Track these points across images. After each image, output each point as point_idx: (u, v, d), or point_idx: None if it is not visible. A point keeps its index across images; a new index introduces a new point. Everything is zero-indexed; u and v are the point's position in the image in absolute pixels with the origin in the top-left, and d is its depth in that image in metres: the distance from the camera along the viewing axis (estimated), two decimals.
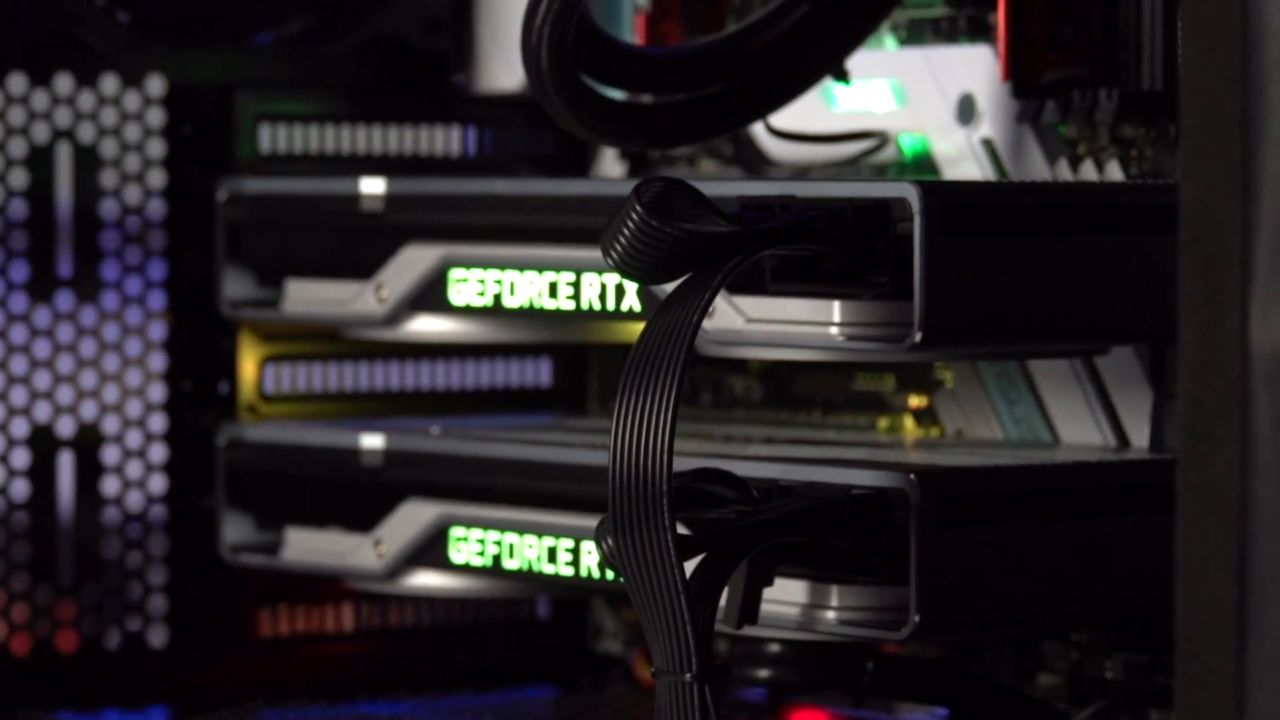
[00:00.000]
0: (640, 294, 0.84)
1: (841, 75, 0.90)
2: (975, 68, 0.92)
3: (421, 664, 1.05)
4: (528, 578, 0.92)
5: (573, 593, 1.01)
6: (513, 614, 1.09)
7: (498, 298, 0.91)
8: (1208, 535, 0.66)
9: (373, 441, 0.96)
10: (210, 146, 1.03)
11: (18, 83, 0.97)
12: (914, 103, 0.95)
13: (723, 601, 0.83)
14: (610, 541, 0.81)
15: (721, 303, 0.82)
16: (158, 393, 1.02)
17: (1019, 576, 0.85)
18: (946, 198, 0.81)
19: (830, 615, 0.84)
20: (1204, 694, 0.65)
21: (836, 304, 0.82)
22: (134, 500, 1.03)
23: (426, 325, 0.93)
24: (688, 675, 0.81)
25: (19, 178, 0.98)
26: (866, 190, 0.82)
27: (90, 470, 1.01)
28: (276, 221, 0.98)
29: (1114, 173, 0.91)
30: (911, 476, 0.82)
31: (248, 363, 1.03)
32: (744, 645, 0.87)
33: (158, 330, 1.00)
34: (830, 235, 0.82)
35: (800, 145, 0.97)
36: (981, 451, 0.94)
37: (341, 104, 1.05)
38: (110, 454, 1.02)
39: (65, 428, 1.01)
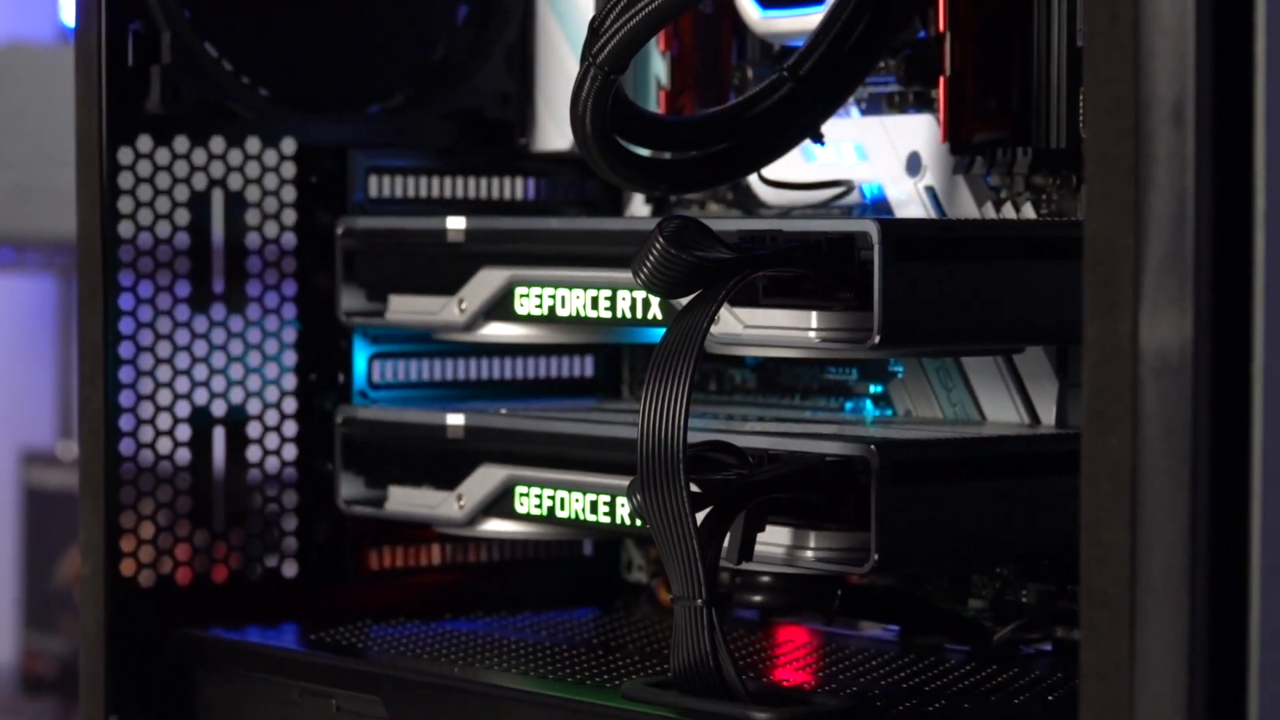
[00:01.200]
0: (662, 306, 0.84)
1: (817, 137, 0.90)
2: (921, 132, 0.92)
3: (492, 591, 1.05)
4: (575, 525, 0.92)
5: (610, 536, 1.01)
6: (563, 552, 1.08)
7: (552, 309, 0.90)
8: (1105, 493, 0.65)
9: (455, 419, 0.95)
10: (330, 192, 1.02)
11: (181, 143, 0.97)
12: (873, 159, 0.94)
13: (726, 543, 0.82)
14: (639, 497, 0.81)
15: (724, 313, 0.82)
16: (289, 382, 1.02)
17: (955, 524, 0.85)
18: (899, 231, 0.81)
19: (808, 554, 0.83)
20: (1102, 616, 0.65)
21: (814, 314, 0.82)
22: (271, 465, 1.02)
23: (496, 330, 0.92)
24: (699, 600, 0.80)
25: (183, 216, 0.98)
26: (837, 226, 0.82)
27: (237, 442, 1.01)
28: (381, 250, 0.98)
29: (1029, 212, 0.91)
30: (872, 447, 0.82)
31: (359, 359, 1.03)
32: (742, 577, 0.85)
33: (290, 334, 1.00)
34: (809, 261, 0.81)
35: (785, 191, 0.97)
36: (925, 428, 0.94)
37: (432, 160, 1.04)
38: (253, 429, 1.02)
39: (218, 409, 1.01)
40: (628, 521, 0.89)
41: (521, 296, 0.92)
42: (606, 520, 0.90)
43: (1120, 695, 0.65)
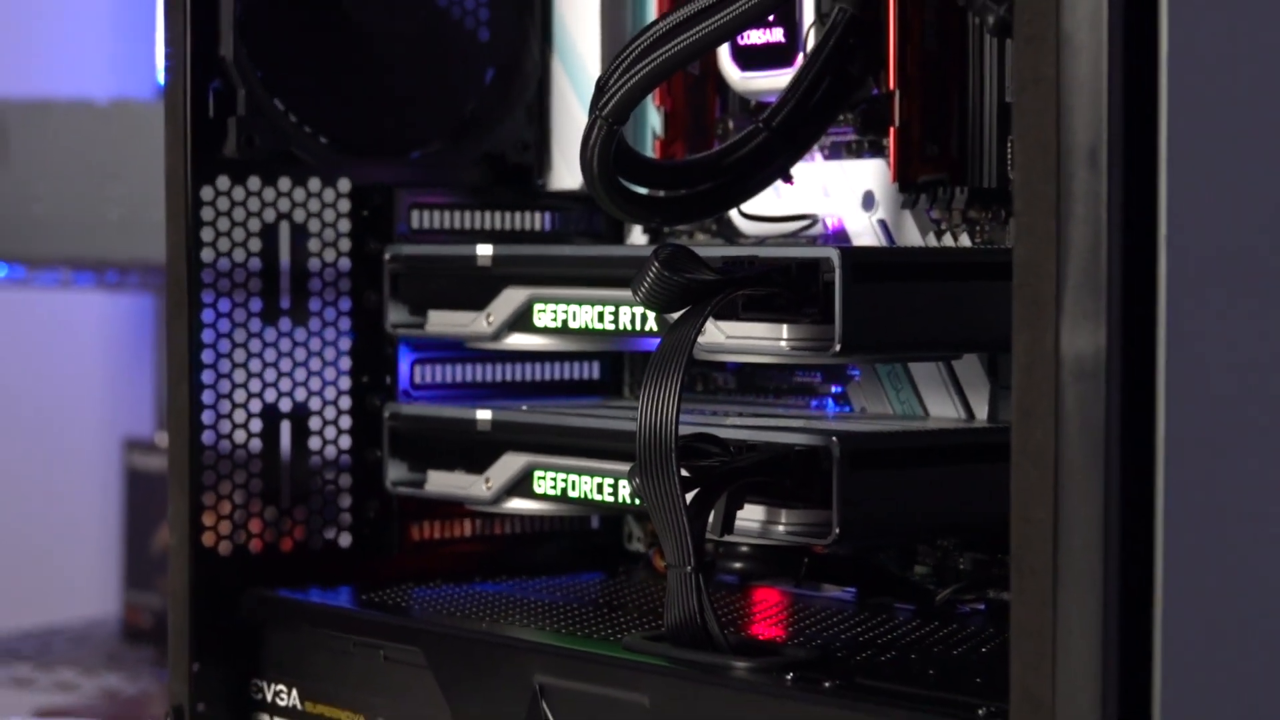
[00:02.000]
0: (657, 320, 0.83)
1: (788, 178, 0.89)
2: (874, 174, 0.91)
3: (514, 558, 1.05)
4: (584, 503, 0.92)
5: (613, 512, 1.00)
6: (574, 526, 1.08)
7: (565, 322, 0.90)
8: (1031, 478, 0.64)
9: (483, 414, 0.95)
10: (379, 224, 1.02)
11: (254, 182, 0.97)
12: (834, 196, 0.94)
13: (710, 519, 0.81)
14: (637, 480, 0.80)
15: (710, 325, 0.81)
16: (344, 383, 1.01)
17: (904, 503, 0.84)
18: (856, 258, 0.80)
19: (780, 528, 0.83)
20: (1029, 581, 0.64)
21: (784, 326, 0.81)
22: (329, 452, 1.02)
23: (518, 340, 0.92)
24: (688, 567, 0.79)
25: (255, 244, 0.98)
26: (804, 253, 0.82)
27: (301, 434, 1.01)
28: (422, 273, 0.98)
29: (965, 241, 0.91)
30: (833, 438, 0.81)
31: (403, 364, 1.03)
32: (724, 547, 0.85)
33: (344, 343, 1.00)
34: (780, 282, 0.81)
35: (761, 223, 0.97)
36: (878, 422, 0.94)
37: (464, 197, 1.04)
38: (314, 423, 1.02)
39: (284, 405, 1.01)
40: (628, 500, 0.88)
41: (539, 312, 0.91)
42: (610, 499, 0.89)
43: (1044, 648, 0.64)
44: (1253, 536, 0.66)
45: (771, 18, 0.92)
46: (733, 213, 0.96)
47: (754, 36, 0.94)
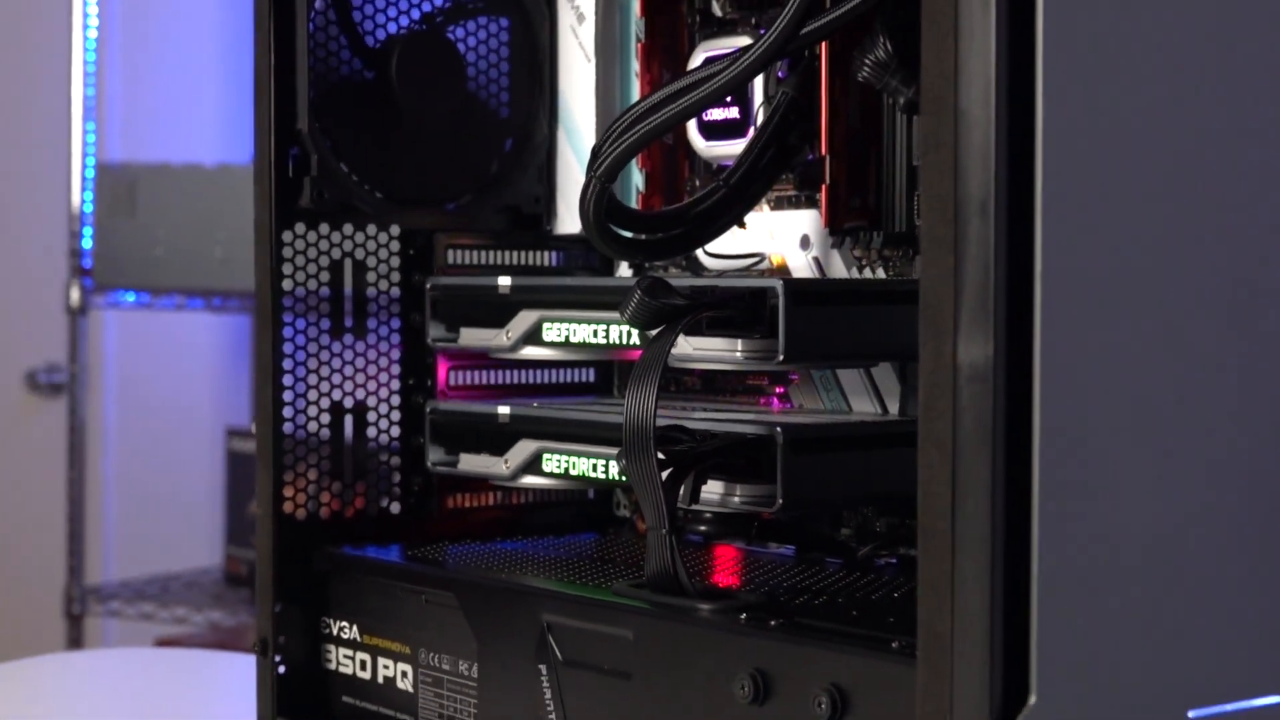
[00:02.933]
0: (639, 336, 0.82)
1: (742, 225, 0.89)
2: (810, 221, 0.91)
3: (528, 522, 1.04)
4: (582, 479, 0.91)
5: (605, 486, 0.99)
6: (574, 496, 1.07)
7: (568, 338, 0.89)
8: (934, 459, 0.63)
9: (503, 409, 0.94)
10: (422, 261, 1.02)
11: (324, 228, 0.97)
12: (778, 239, 0.93)
13: (681, 492, 0.80)
14: (624, 461, 0.79)
15: (680, 340, 0.80)
16: (395, 385, 1.01)
17: (833, 479, 0.83)
18: (795, 287, 0.80)
19: (735, 499, 0.82)
20: (932, 540, 0.62)
21: (739, 341, 0.81)
22: (383, 439, 1.02)
23: (531, 352, 0.91)
24: (663, 530, 0.78)
25: (324, 276, 0.98)
26: (755, 283, 0.81)
27: (360, 424, 1.00)
28: (455, 299, 0.97)
29: (881, 274, 0.90)
30: (777, 428, 0.80)
31: (440, 370, 1.02)
32: (691, 514, 0.83)
33: (395, 354, 1.00)
34: (736, 306, 0.80)
35: (721, 260, 0.96)
36: (812, 415, 0.93)
37: (488, 239, 1.04)
38: (371, 416, 1.01)
39: (348, 402, 1.00)
40: (617, 477, 0.87)
41: (547, 329, 0.90)
42: (603, 476, 0.88)
43: (944, 593, 0.63)
44: (1108, 505, 0.65)
45: (728, 100, 0.90)
46: (699, 251, 0.95)
47: (715, 114, 0.93)
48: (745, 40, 0.91)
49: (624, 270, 1.03)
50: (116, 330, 3.37)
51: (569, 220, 1.04)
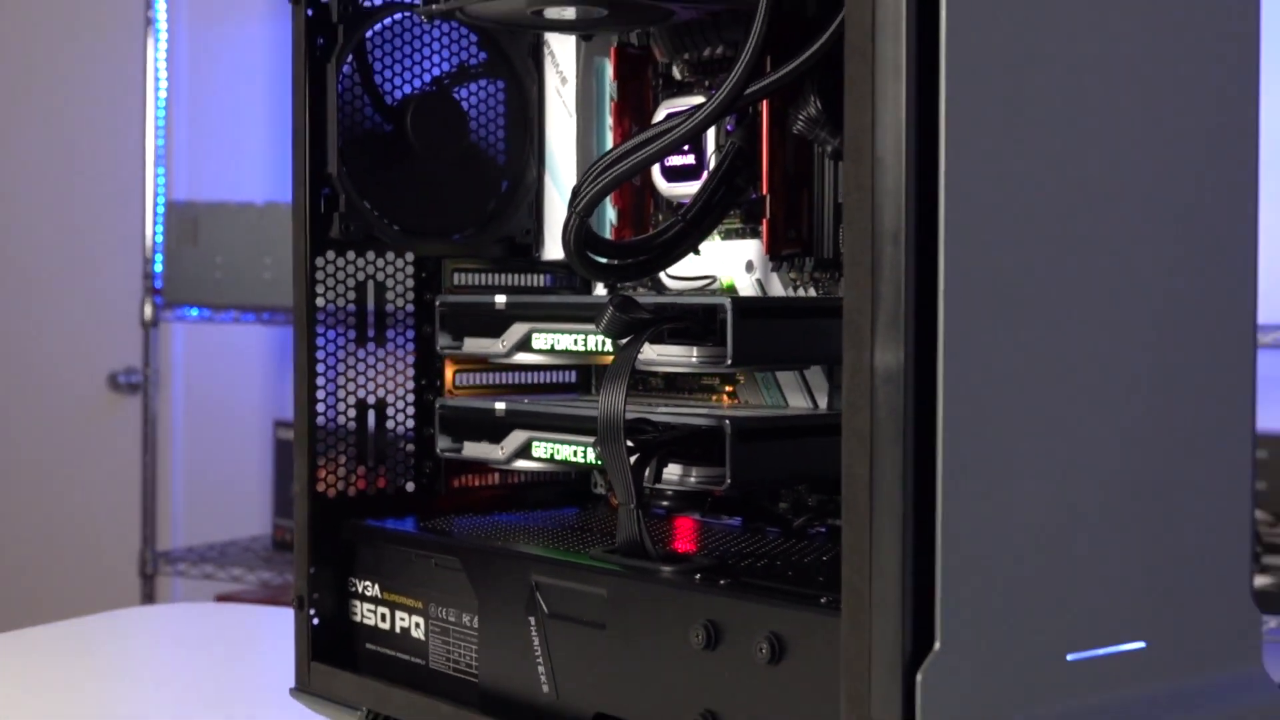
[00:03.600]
0: (613, 345, 0.80)
1: (697, 252, 0.88)
2: (753, 249, 0.90)
3: (519, 499, 1.03)
4: (565, 463, 0.90)
5: (584, 469, 0.97)
6: (559, 477, 1.06)
7: (553, 346, 0.89)
8: (855, 446, 0.63)
9: (500, 405, 0.93)
10: (433, 282, 1.00)
11: (350, 255, 0.97)
12: (727, 263, 0.92)
13: (646, 473, 0.80)
14: (599, 448, 0.78)
15: (646, 348, 0.79)
16: (409, 385, 1.00)
17: (773, 462, 0.82)
18: (741, 303, 0.79)
19: (692, 479, 0.81)
20: (854, 513, 0.62)
21: (694, 348, 0.79)
22: (400, 430, 1.00)
23: (522, 357, 0.90)
24: (632, 505, 0.78)
25: (351, 295, 0.98)
26: (707, 300, 0.80)
27: (381, 418, 0.99)
28: (460, 314, 0.96)
29: (812, 293, 0.90)
30: (726, 420, 0.79)
31: (448, 372, 1.01)
32: (655, 491, 0.83)
33: (409, 359, 0.99)
34: (692, 319, 0.79)
35: (680, 281, 0.95)
36: (755, 409, 0.92)
37: (487, 264, 1.03)
38: (390, 411, 1.00)
39: (370, 399, 0.99)
40: (594, 461, 0.86)
41: (536, 338, 0.89)
42: (582, 460, 0.87)
43: (864, 557, 0.63)
44: (1000, 483, 0.65)
45: (685, 148, 0.90)
46: (662, 274, 0.94)
47: (674, 160, 0.92)
48: (699, 99, 0.90)
49: (599, 290, 1.02)
50: (183, 339, 3.37)
51: (554, 248, 1.04)
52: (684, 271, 0.94)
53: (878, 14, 0.63)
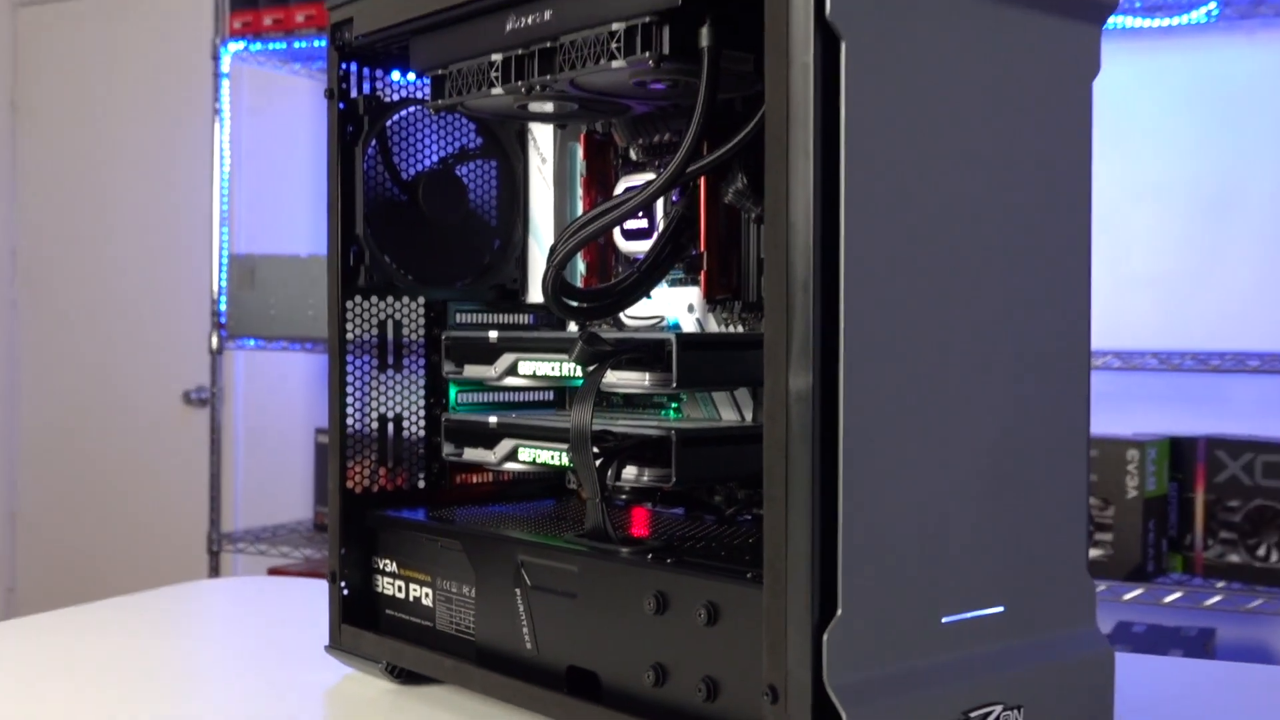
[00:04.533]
0: (582, 371, 0.80)
1: (649, 296, 0.88)
2: (694, 295, 0.90)
3: (509, 493, 1.02)
4: (545, 465, 0.88)
5: (560, 470, 0.94)
6: (540, 476, 1.05)
7: (535, 372, 0.88)
8: (775, 452, 0.62)
9: (492, 418, 0.91)
10: (440, 321, 1.00)
11: (374, 299, 0.97)
12: (672, 306, 0.91)
13: (609, 474, 0.79)
14: (571, 453, 0.77)
15: (609, 373, 0.79)
16: (421, 402, 0.98)
17: (709, 464, 0.80)
18: (684, 338, 0.77)
19: (645, 478, 0.80)
20: (773, 505, 0.61)
21: (647, 374, 0.79)
22: (413, 438, 1.00)
23: (511, 381, 0.90)
24: (597, 499, 0.77)
25: (374, 331, 0.96)
26: (657, 336, 0.79)
27: (399, 428, 0.98)
28: (462, 346, 0.94)
29: (740, 329, 0.89)
30: (673, 431, 0.78)
31: (452, 392, 1.00)
32: (615, 488, 0.81)
33: (421, 381, 0.98)
34: (645, 351, 0.78)
35: (635, 320, 0.94)
36: (696, 422, 0.91)
37: (482, 306, 1.02)
38: (405, 423, 0.98)
39: (390, 414, 0.98)
40: (567, 463, 0.84)
41: (522, 365, 0.88)
42: (558, 463, 0.86)
43: (781, 540, 0.62)
44: (889, 480, 0.64)
45: (640, 214, 0.90)
46: (621, 314, 0.93)
47: (631, 224, 0.92)
48: (651, 176, 0.90)
49: (572, 327, 1.01)
50: (242, 364, 3.35)
51: (535, 294, 1.03)
52: (639, 312, 0.93)
53: (790, 110, 0.62)
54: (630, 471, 0.80)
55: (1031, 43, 0.71)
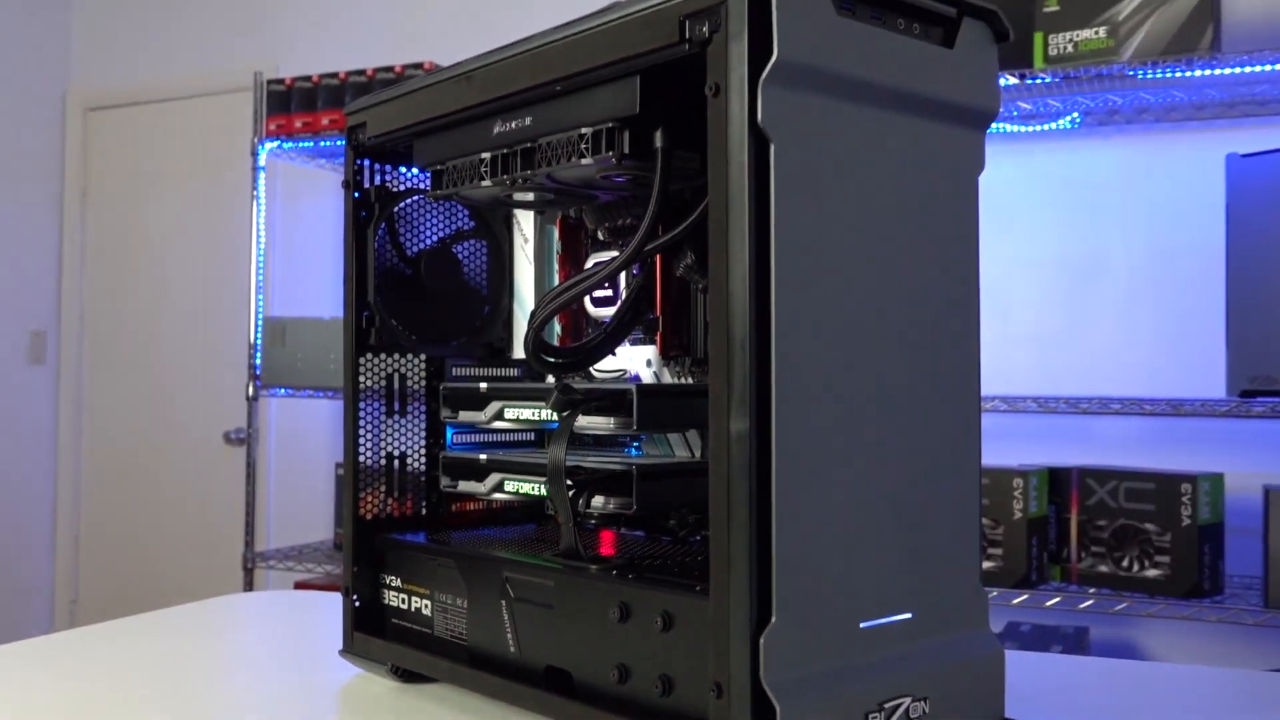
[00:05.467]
0: (558, 416, 0.79)
1: (614, 354, 0.88)
2: (651, 352, 0.90)
3: (496, 519, 1.01)
4: (527, 495, 0.86)
5: (539, 499, 0.92)
6: (522, 505, 1.03)
7: (518, 416, 0.86)
8: (720, 483, 0.61)
9: (482, 456, 0.89)
10: (438, 374, 0.98)
11: (383, 357, 0.94)
12: (634, 361, 0.91)
13: (580, 502, 0.77)
14: (549, 485, 0.76)
15: (580, 418, 0.77)
16: (422, 442, 0.96)
17: (665, 493, 0.79)
18: (644, 389, 0.76)
19: (610, 505, 0.78)
20: (719, 528, 0.60)
21: (612, 418, 0.77)
22: (415, 472, 0.97)
23: (498, 424, 0.88)
24: (570, 524, 0.75)
25: (382, 382, 0.94)
26: (620, 387, 0.78)
27: (403, 464, 0.96)
28: (457, 395, 0.93)
29: (690, 380, 0.87)
30: (634, 466, 0.77)
31: (449, 433, 0.98)
32: (585, 514, 0.80)
33: (422, 425, 0.96)
34: (611, 399, 0.77)
35: (603, 373, 0.93)
36: (653, 458, 0.89)
37: (474, 362, 1.01)
38: (409, 460, 0.96)
39: (396, 451, 0.95)
40: (545, 493, 0.83)
41: (507, 411, 0.87)
42: (538, 493, 0.84)
43: (724, 559, 0.61)
44: (813, 507, 0.64)
45: (606, 285, 0.89)
46: (591, 369, 0.92)
47: (599, 293, 0.91)
48: (615, 253, 0.90)
49: (549, 379, 1.00)
50: (275, 409, 3.31)
51: (519, 351, 1.02)
52: (605, 367, 0.92)
53: (730, 199, 0.63)
54: (598, 500, 0.79)
55: (928, 145, 0.72)
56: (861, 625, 0.66)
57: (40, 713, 0.84)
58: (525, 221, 1.03)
